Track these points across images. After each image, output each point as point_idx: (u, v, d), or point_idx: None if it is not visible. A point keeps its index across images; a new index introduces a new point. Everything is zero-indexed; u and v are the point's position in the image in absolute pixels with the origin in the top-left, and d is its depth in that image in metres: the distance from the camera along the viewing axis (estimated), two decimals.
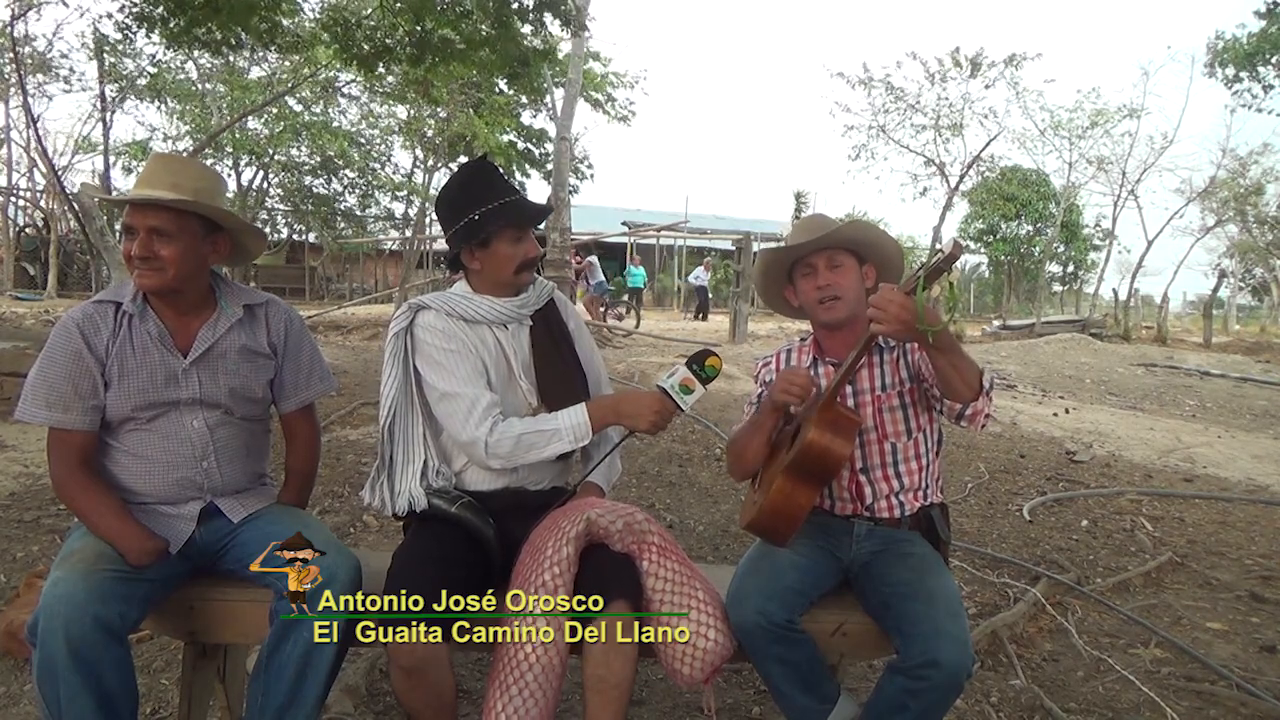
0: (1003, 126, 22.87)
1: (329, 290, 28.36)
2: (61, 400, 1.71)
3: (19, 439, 4.81)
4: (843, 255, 1.90)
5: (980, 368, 1.73)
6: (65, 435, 1.73)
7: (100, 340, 1.74)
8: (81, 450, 1.74)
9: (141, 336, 1.77)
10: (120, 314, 1.77)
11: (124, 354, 1.75)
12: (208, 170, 1.96)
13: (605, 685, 1.61)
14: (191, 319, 1.82)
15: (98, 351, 1.73)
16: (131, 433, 1.77)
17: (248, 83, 20.54)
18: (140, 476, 1.78)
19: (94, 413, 1.74)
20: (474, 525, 1.82)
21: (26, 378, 1.76)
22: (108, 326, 1.75)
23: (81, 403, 1.72)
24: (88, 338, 1.73)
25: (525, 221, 1.94)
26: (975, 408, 1.76)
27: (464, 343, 1.90)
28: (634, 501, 4.25)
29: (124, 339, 1.75)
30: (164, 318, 1.80)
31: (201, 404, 1.81)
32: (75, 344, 1.72)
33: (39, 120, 17.03)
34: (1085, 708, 2.50)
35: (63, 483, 1.75)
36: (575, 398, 1.93)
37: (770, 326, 18.05)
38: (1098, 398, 9.65)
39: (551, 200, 12.30)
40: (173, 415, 1.79)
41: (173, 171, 1.78)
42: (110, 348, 1.74)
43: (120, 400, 1.74)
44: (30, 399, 1.72)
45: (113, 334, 1.75)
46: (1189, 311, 34.62)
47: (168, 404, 1.78)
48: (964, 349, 1.73)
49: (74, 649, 1.52)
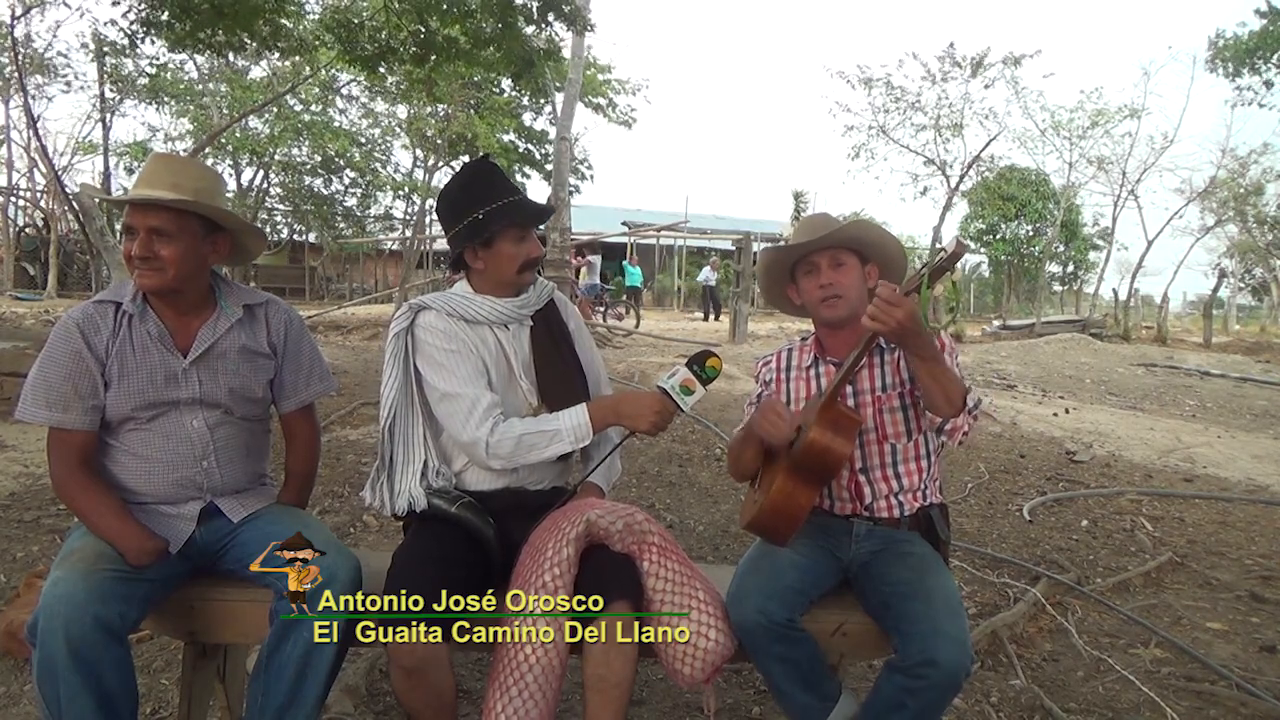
0: (1003, 126, 22.89)
1: (329, 290, 28.35)
2: (61, 400, 1.71)
3: (19, 439, 4.81)
4: (845, 254, 1.90)
5: (966, 386, 1.73)
6: (65, 435, 1.73)
7: (100, 340, 1.74)
8: (81, 450, 1.74)
9: (141, 336, 1.77)
10: (120, 314, 1.77)
11: (124, 354, 1.75)
12: (208, 170, 1.96)
13: (606, 685, 1.61)
14: (191, 319, 1.82)
15: (98, 351, 1.73)
16: (131, 432, 1.77)
17: (248, 83, 20.55)
18: (140, 476, 1.78)
19: (94, 413, 1.74)
20: (474, 525, 1.82)
21: (27, 378, 1.76)
22: (107, 326, 1.75)
23: (81, 403, 1.72)
24: (88, 337, 1.73)
25: (528, 221, 1.94)
26: (954, 424, 1.77)
27: (465, 343, 1.90)
28: (634, 501, 4.25)
29: (124, 339, 1.75)
30: (164, 317, 1.80)
31: (201, 404, 1.81)
32: (75, 344, 1.72)
33: (39, 120, 17.02)
34: (1085, 708, 2.50)
35: (63, 482, 1.75)
36: (575, 398, 1.93)
37: (770, 326, 18.05)
38: (1098, 398, 9.65)
39: (552, 200, 12.29)
40: (173, 415, 1.79)
41: (173, 171, 1.78)
42: (110, 348, 1.74)
43: (120, 400, 1.74)
44: (30, 399, 1.72)
45: (113, 334, 1.75)
46: (1189, 311, 34.63)
47: (168, 404, 1.78)
48: (950, 364, 1.73)
49: (74, 649, 1.52)
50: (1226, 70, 16.61)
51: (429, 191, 20.85)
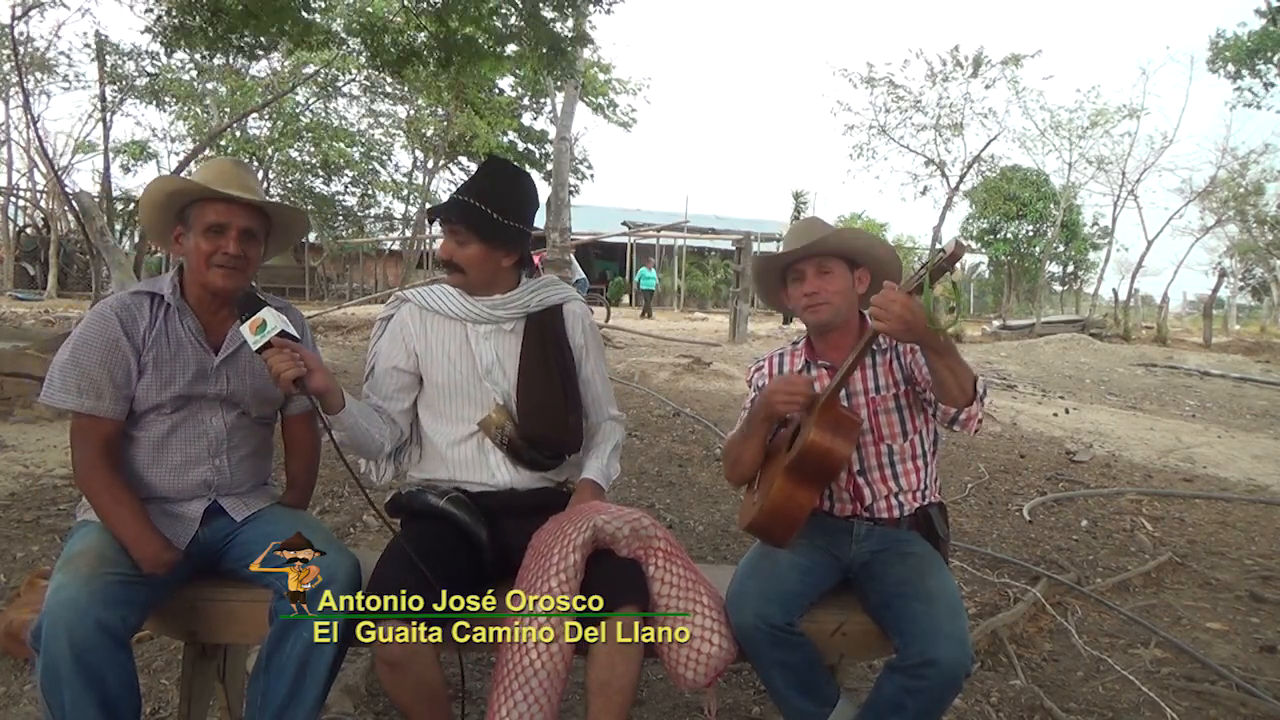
0: (1003, 126, 22.95)
1: (329, 290, 28.33)
2: (94, 387, 1.70)
3: (19, 439, 4.81)
4: (832, 262, 1.90)
5: (975, 373, 1.73)
6: (93, 423, 1.72)
7: (138, 329, 1.75)
8: (107, 440, 1.73)
9: (177, 329, 1.79)
10: (158, 305, 1.79)
11: (160, 344, 1.76)
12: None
13: (609, 690, 1.60)
14: (224, 317, 1.83)
15: (135, 340, 1.74)
16: (153, 424, 1.78)
17: (248, 83, 20.55)
18: (153, 468, 1.79)
19: (124, 401, 1.74)
20: (461, 520, 1.83)
21: (52, 364, 1.74)
22: (144, 316, 1.77)
23: (115, 390, 1.72)
24: (125, 326, 1.74)
25: (433, 216, 1.97)
26: (969, 413, 1.76)
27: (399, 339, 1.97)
28: (634, 502, 4.25)
29: (160, 330, 1.77)
30: (200, 314, 1.82)
31: (225, 402, 1.83)
32: (113, 332, 1.73)
33: (39, 120, 17.03)
34: (1085, 708, 2.50)
35: (87, 474, 1.73)
36: (554, 410, 1.93)
37: (770, 326, 18.05)
38: (1097, 398, 9.65)
39: (552, 200, 12.30)
40: (196, 410, 1.81)
41: (244, 174, 1.83)
42: (147, 337, 1.76)
43: (150, 390, 1.75)
44: (60, 385, 1.70)
45: (149, 324, 1.77)
46: (1189, 311, 34.65)
47: (194, 398, 1.79)
48: (960, 353, 1.73)
49: (77, 654, 1.51)
50: (1227, 71, 16.64)
51: (428, 194, 20.85)
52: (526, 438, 1.92)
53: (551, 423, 1.93)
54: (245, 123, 20.51)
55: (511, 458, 1.93)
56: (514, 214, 1.91)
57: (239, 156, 22.83)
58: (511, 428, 1.92)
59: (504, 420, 1.92)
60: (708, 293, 30.19)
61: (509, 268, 1.97)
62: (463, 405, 1.94)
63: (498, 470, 1.93)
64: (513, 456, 1.93)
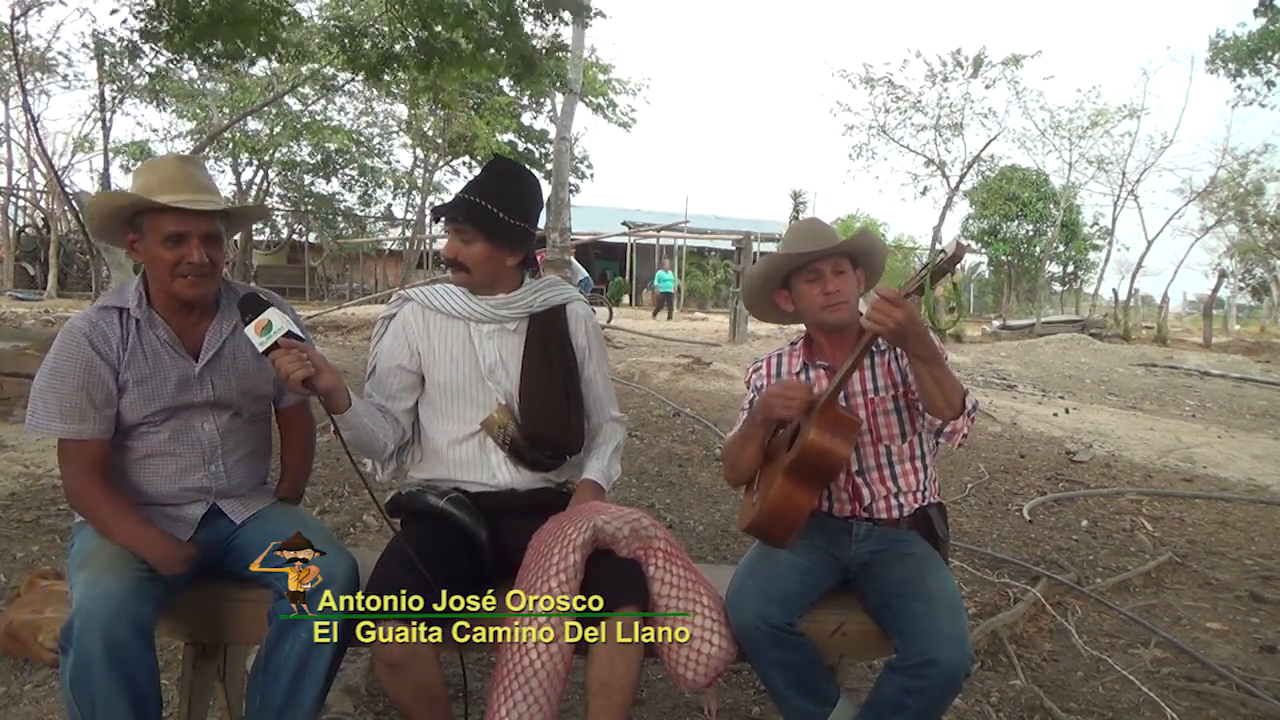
0: (1003, 126, 22.94)
1: (329, 290, 28.32)
2: (76, 410, 1.67)
3: (19, 439, 4.81)
4: (845, 261, 1.91)
5: (964, 388, 1.73)
6: (80, 446, 1.69)
7: (111, 348, 1.70)
8: (98, 459, 1.70)
9: (151, 342, 1.74)
10: (127, 319, 1.74)
11: (136, 360, 1.72)
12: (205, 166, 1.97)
13: (609, 690, 1.61)
14: (197, 321, 1.80)
15: (110, 359, 1.70)
16: (142, 437, 1.76)
17: (247, 83, 20.54)
18: (147, 479, 1.77)
19: (109, 420, 1.71)
20: (460, 519, 1.83)
21: (31, 391, 1.71)
22: (115, 333, 1.72)
23: (96, 412, 1.69)
24: (97, 346, 1.69)
25: (438, 216, 1.96)
26: (954, 426, 1.78)
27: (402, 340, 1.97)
28: (634, 501, 4.25)
29: (134, 345, 1.72)
30: (171, 322, 1.77)
31: (213, 407, 1.80)
32: (85, 353, 1.68)
33: (39, 120, 17.02)
34: (1085, 708, 2.50)
35: (81, 493, 1.70)
36: (555, 412, 1.93)
37: (770, 326, 18.02)
38: (1097, 398, 9.65)
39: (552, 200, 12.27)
40: (184, 419, 1.78)
41: (198, 171, 1.76)
42: (122, 354, 1.71)
43: (135, 407, 1.72)
44: (42, 412, 1.67)
45: (122, 340, 1.72)
46: (1189, 311, 34.65)
47: (181, 408, 1.76)
48: (949, 366, 1.73)
49: (111, 651, 1.50)
50: (1227, 70, 16.65)
51: (428, 193, 20.85)
52: (529, 438, 1.92)
53: (554, 423, 1.93)
54: (245, 121, 20.47)
55: (513, 458, 1.93)
56: (519, 214, 1.91)
57: (238, 153, 22.86)
58: (514, 428, 1.91)
59: (506, 420, 1.91)
60: (707, 293, 30.18)
61: (513, 267, 1.97)
62: (465, 405, 1.94)
63: (498, 470, 1.93)
64: (515, 457, 1.93)
